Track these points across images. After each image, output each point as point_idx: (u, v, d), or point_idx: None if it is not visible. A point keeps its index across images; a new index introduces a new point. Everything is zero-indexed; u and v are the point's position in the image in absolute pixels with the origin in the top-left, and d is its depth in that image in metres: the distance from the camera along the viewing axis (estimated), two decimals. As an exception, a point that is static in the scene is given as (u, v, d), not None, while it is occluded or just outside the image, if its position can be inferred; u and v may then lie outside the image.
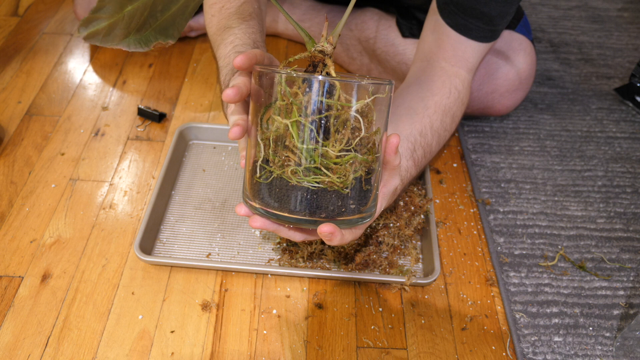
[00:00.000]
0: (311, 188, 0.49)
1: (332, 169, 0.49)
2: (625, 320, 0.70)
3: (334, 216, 0.50)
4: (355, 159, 0.49)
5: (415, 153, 0.69)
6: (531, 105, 1.04)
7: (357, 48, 1.04)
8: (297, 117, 0.47)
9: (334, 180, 0.49)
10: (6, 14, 1.21)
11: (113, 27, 0.57)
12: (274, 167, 0.50)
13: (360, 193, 0.51)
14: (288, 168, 0.49)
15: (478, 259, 0.77)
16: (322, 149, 0.48)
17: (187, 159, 0.89)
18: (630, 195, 0.87)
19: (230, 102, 0.51)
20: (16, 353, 0.63)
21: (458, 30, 0.75)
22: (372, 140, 0.51)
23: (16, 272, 0.72)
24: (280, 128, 0.49)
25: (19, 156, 0.88)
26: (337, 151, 0.48)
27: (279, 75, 0.48)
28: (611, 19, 1.33)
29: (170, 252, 0.75)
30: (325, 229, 0.49)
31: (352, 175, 0.49)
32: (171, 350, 0.64)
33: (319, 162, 0.48)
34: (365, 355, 0.65)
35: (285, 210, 0.50)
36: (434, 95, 0.74)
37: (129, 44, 0.58)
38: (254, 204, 0.52)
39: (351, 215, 0.51)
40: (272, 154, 0.50)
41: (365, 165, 0.50)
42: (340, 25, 0.51)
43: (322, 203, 0.50)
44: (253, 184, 0.52)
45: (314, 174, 0.49)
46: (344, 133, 0.48)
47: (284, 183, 0.49)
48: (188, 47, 1.14)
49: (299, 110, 0.48)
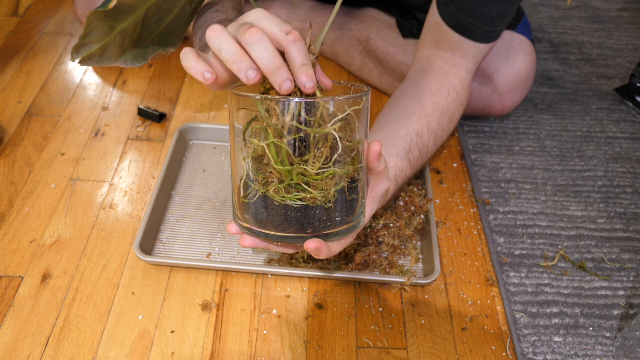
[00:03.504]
0: (294, 206, 0.49)
1: (313, 185, 0.48)
2: (625, 320, 0.70)
3: (321, 230, 0.50)
4: (334, 174, 0.49)
5: (410, 153, 0.69)
6: (531, 105, 1.04)
7: (357, 48, 1.04)
8: (273, 138, 0.47)
9: (316, 196, 0.49)
10: (6, 14, 1.21)
11: (106, 48, 0.56)
12: (257, 185, 0.50)
13: (346, 204, 0.51)
14: (271, 186, 0.49)
15: (478, 259, 0.77)
16: (301, 167, 0.48)
17: (187, 159, 0.89)
18: (630, 195, 0.87)
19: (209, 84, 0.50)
20: (16, 353, 0.63)
21: (458, 30, 0.75)
22: (354, 150, 0.50)
23: (16, 272, 0.72)
24: (257, 149, 0.49)
25: (19, 156, 0.88)
26: (316, 169, 0.48)
27: (256, 100, 0.48)
28: (611, 19, 1.33)
29: (170, 252, 0.75)
30: (311, 245, 0.50)
31: (333, 189, 0.49)
32: (171, 350, 0.64)
33: (297, 180, 0.48)
34: (365, 355, 0.65)
35: (271, 229, 0.50)
36: (432, 96, 0.74)
37: (126, 61, 0.58)
38: (242, 223, 0.53)
39: (338, 227, 0.51)
40: (255, 172, 0.50)
41: (347, 176, 0.50)
42: (323, 34, 0.50)
43: (307, 219, 0.50)
44: (240, 204, 0.52)
45: (296, 190, 0.49)
46: (322, 151, 0.48)
47: (269, 202, 0.49)
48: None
49: (274, 132, 0.47)
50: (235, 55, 0.46)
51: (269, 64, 0.46)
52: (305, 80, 0.47)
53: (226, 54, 0.47)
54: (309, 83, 0.47)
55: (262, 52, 0.46)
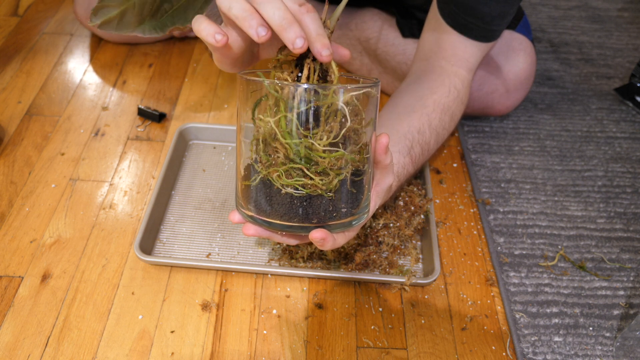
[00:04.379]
0: (300, 195, 0.48)
1: (318, 164, 0.47)
2: (625, 320, 0.70)
3: (326, 220, 0.50)
4: (343, 156, 0.48)
5: (412, 150, 0.69)
6: (531, 105, 1.04)
7: (357, 48, 1.04)
8: (283, 112, 0.47)
9: (317, 183, 0.48)
10: (6, 14, 1.21)
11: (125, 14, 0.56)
12: (261, 167, 0.49)
13: (352, 195, 0.51)
14: (272, 169, 0.48)
15: (478, 259, 0.77)
16: (308, 141, 0.47)
17: (187, 159, 0.89)
18: (630, 195, 0.87)
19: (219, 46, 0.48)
20: (16, 353, 0.63)
21: (458, 30, 0.76)
22: (361, 140, 0.50)
23: (16, 272, 0.72)
24: (266, 128, 0.48)
25: (19, 156, 0.88)
26: (323, 144, 0.47)
27: (265, 83, 0.47)
28: (611, 19, 1.33)
29: (170, 252, 0.75)
30: (317, 235, 0.49)
31: (336, 179, 0.49)
32: (171, 350, 0.64)
33: (303, 153, 0.47)
34: (365, 355, 0.65)
35: (276, 217, 0.50)
36: (433, 94, 0.74)
37: (144, 30, 0.57)
38: (245, 211, 0.52)
39: (344, 219, 0.51)
40: (260, 154, 0.49)
41: (353, 165, 0.50)
42: (339, 10, 0.50)
43: (313, 209, 0.49)
44: (243, 190, 0.52)
45: (298, 175, 0.48)
46: (332, 125, 0.47)
47: (274, 190, 0.49)
48: (188, 47, 1.14)
49: (285, 106, 0.47)
50: (245, 12, 0.45)
51: (281, 20, 0.45)
52: (321, 48, 0.46)
53: (236, 11, 0.46)
54: (326, 51, 0.46)
55: (273, 9, 0.45)
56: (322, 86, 0.47)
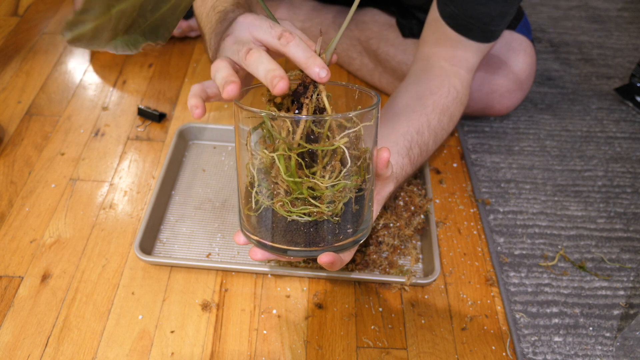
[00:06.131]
0: (306, 221, 0.48)
1: (321, 199, 0.48)
2: (625, 320, 0.70)
3: (333, 243, 0.50)
4: (345, 186, 0.48)
5: (411, 151, 0.69)
6: (531, 105, 1.04)
7: (357, 48, 1.04)
8: (283, 150, 0.46)
9: (323, 210, 0.48)
10: (6, 14, 1.21)
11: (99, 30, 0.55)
12: (262, 197, 0.49)
13: (354, 215, 0.51)
14: (276, 199, 0.48)
15: (478, 259, 0.77)
16: (311, 181, 0.47)
17: (187, 159, 0.89)
18: (630, 195, 0.87)
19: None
20: (16, 353, 0.63)
21: (458, 30, 0.76)
22: (362, 160, 0.50)
23: (16, 272, 0.72)
24: (265, 161, 0.48)
25: (19, 156, 0.88)
26: (327, 183, 0.47)
27: (263, 115, 0.47)
28: (611, 19, 1.33)
29: (170, 252, 0.75)
30: (325, 259, 0.50)
31: (341, 203, 0.48)
32: (171, 350, 0.64)
33: (306, 195, 0.47)
34: (365, 355, 0.65)
35: (283, 243, 0.50)
36: (433, 95, 0.75)
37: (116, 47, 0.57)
38: (251, 235, 0.52)
39: (350, 238, 0.51)
40: (261, 183, 0.49)
41: (356, 187, 0.50)
42: (334, 42, 0.49)
43: (319, 233, 0.49)
44: (247, 216, 0.52)
45: (303, 204, 0.48)
46: (334, 165, 0.47)
47: (279, 216, 0.49)
48: (188, 47, 1.14)
49: (283, 145, 0.46)
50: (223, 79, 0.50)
51: (265, 73, 0.48)
52: (318, 70, 0.46)
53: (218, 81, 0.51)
54: (323, 72, 0.46)
55: (257, 64, 0.49)
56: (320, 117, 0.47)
